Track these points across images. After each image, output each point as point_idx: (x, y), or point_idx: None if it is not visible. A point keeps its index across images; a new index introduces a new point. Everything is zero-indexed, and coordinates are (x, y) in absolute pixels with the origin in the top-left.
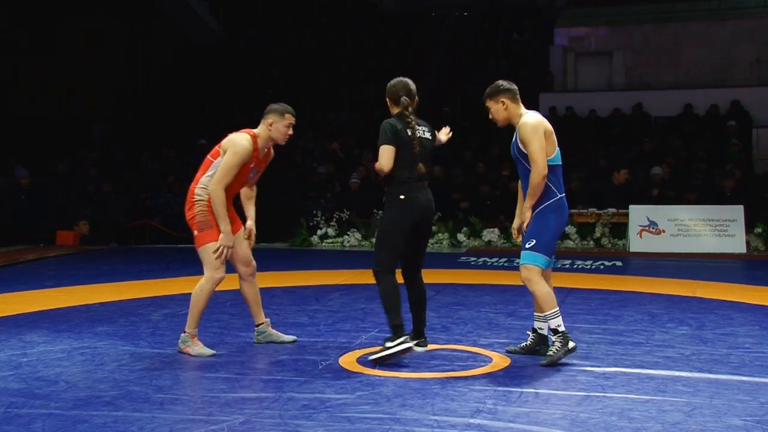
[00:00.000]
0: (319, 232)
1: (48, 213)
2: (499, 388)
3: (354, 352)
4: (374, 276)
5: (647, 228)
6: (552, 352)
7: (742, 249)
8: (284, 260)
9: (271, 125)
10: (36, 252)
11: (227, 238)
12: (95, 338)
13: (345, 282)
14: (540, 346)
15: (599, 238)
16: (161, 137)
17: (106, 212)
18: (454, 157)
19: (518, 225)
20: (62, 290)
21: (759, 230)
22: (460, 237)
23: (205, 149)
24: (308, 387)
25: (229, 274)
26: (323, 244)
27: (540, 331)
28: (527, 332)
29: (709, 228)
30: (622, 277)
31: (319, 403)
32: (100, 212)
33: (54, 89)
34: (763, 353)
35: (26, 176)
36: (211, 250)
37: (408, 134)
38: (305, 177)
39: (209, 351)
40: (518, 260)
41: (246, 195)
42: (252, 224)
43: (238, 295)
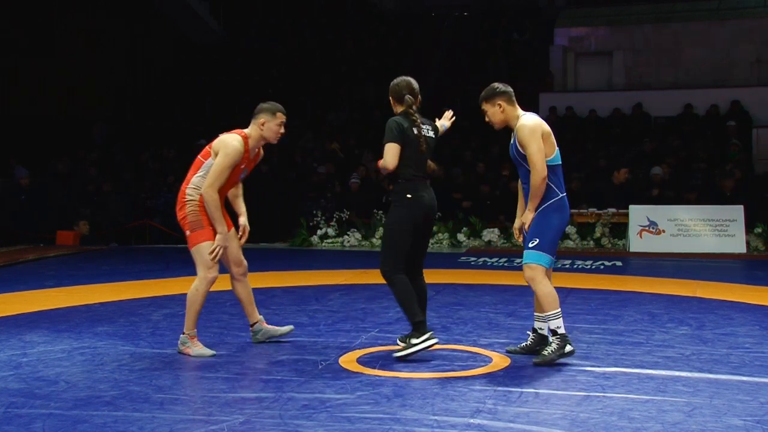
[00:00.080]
0: (319, 232)
1: (48, 213)
2: (499, 388)
3: (354, 352)
4: (384, 277)
5: (647, 228)
6: (546, 352)
7: (742, 249)
8: (284, 260)
9: (263, 125)
10: (36, 252)
11: (224, 239)
12: (95, 338)
13: (345, 282)
14: (540, 347)
15: (599, 238)
16: (161, 137)
17: (106, 212)
18: (454, 157)
19: (519, 225)
20: (62, 290)
21: (759, 230)
22: (460, 237)
23: None
24: (308, 387)
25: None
26: (323, 244)
27: (540, 331)
28: (527, 332)
29: (709, 228)
30: (622, 277)
31: (319, 403)
32: (100, 212)
33: (54, 89)
34: (763, 353)
35: (26, 176)
36: (205, 250)
37: (414, 132)
38: (305, 177)
39: (209, 351)
40: (519, 260)
41: (233, 194)
42: (245, 220)
43: None
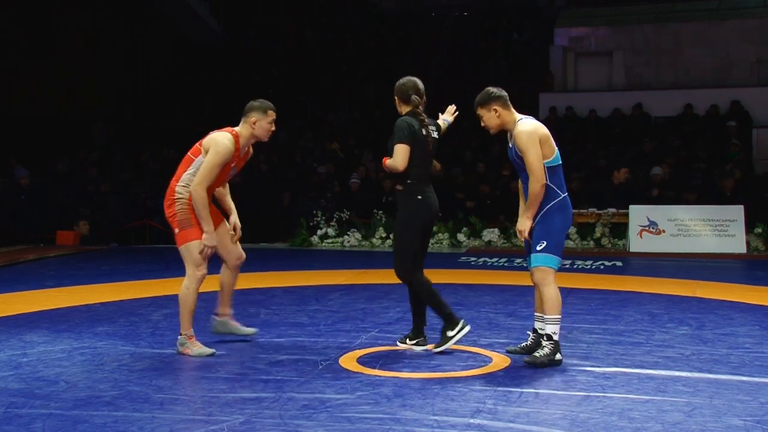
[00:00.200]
0: (319, 232)
1: (48, 213)
2: (499, 388)
3: (354, 352)
4: (404, 280)
5: (647, 228)
6: (538, 354)
7: (742, 249)
8: (284, 260)
9: (255, 123)
10: (36, 252)
11: (210, 238)
12: (95, 338)
13: (345, 282)
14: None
15: (599, 238)
16: (161, 137)
17: (106, 212)
18: (454, 157)
19: (522, 229)
20: (62, 290)
21: (759, 230)
22: (460, 237)
23: None
24: (308, 387)
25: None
26: (323, 244)
27: (540, 331)
28: (527, 332)
29: (709, 228)
30: (622, 277)
31: (319, 403)
32: (100, 212)
33: (54, 89)
34: (763, 353)
35: (26, 176)
36: (194, 248)
37: (422, 133)
38: (305, 177)
39: (209, 350)
40: (519, 260)
41: (220, 193)
42: (236, 218)
43: (238, 295)
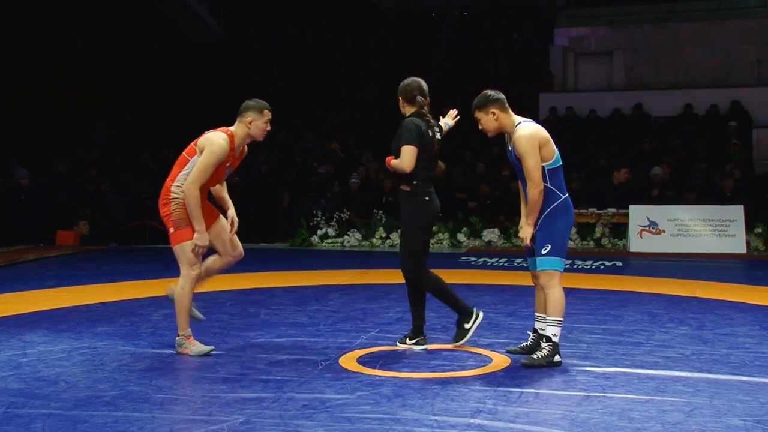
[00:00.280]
0: (319, 232)
1: (48, 213)
2: (499, 388)
3: (354, 352)
4: (414, 279)
5: (647, 228)
6: (536, 356)
7: (742, 249)
8: (284, 260)
9: (251, 123)
10: (36, 252)
11: (202, 238)
12: (95, 338)
13: (345, 282)
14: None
15: (599, 238)
16: (161, 137)
17: (106, 212)
18: (454, 157)
19: (524, 236)
20: (62, 290)
21: (759, 230)
22: (460, 237)
23: None
24: (308, 387)
25: (229, 275)
26: (323, 244)
27: (541, 331)
28: (527, 332)
29: (709, 228)
30: (622, 277)
31: (319, 403)
32: (100, 212)
33: (54, 89)
34: (763, 353)
35: (26, 176)
36: (188, 248)
37: (429, 135)
38: (305, 177)
39: (208, 348)
40: (519, 260)
41: (217, 192)
42: (233, 212)
43: (238, 295)
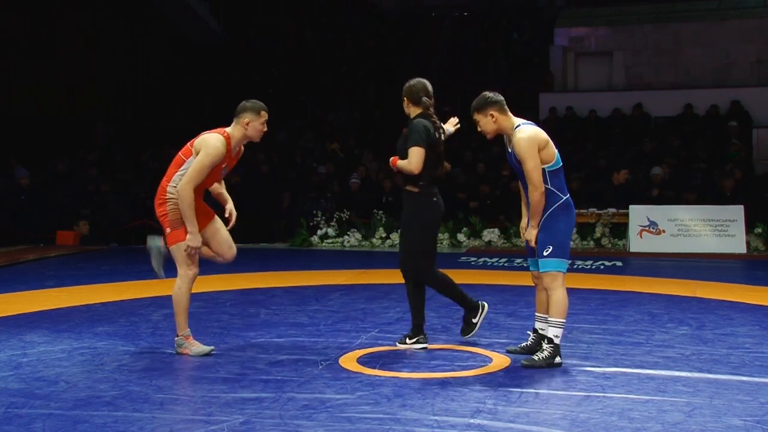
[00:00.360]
0: (319, 232)
1: (48, 213)
2: (499, 388)
3: (354, 352)
4: (422, 279)
5: (647, 228)
6: (537, 358)
7: (742, 249)
8: (284, 260)
9: (248, 124)
10: (36, 252)
11: (195, 239)
12: (95, 338)
13: (345, 282)
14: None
15: (599, 238)
16: (161, 137)
17: (106, 212)
18: (454, 157)
19: (530, 238)
20: (62, 290)
21: (759, 230)
22: (460, 237)
23: None
24: (308, 387)
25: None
26: (323, 244)
27: (541, 331)
28: (527, 332)
29: (709, 228)
30: (622, 277)
31: (319, 403)
32: (100, 212)
33: (54, 89)
34: (763, 353)
35: (26, 176)
36: (183, 249)
37: (436, 136)
38: (305, 177)
39: (207, 348)
40: (519, 260)
41: (215, 188)
42: (231, 206)
43: (238, 295)
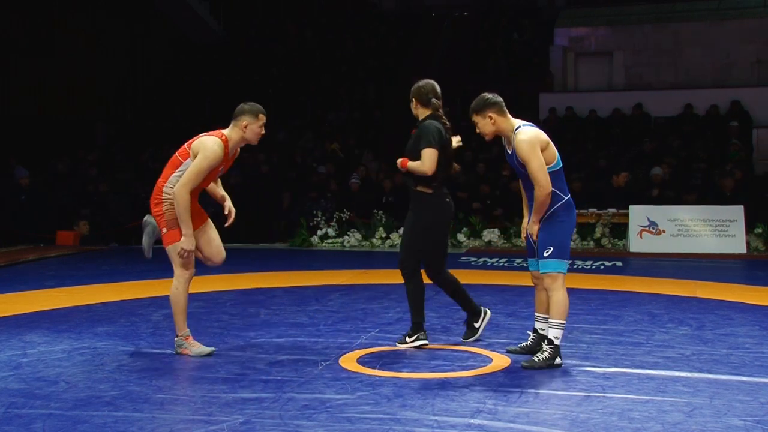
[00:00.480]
0: (319, 233)
1: (48, 213)
2: (499, 389)
3: (354, 352)
4: (432, 279)
5: (647, 228)
6: (537, 359)
7: (742, 249)
8: (284, 260)
9: (246, 127)
10: (36, 252)
11: (188, 242)
12: (95, 338)
13: (345, 282)
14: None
15: (599, 239)
16: (161, 137)
17: (106, 212)
18: (454, 158)
19: (532, 232)
20: (62, 290)
21: (759, 230)
22: (460, 237)
23: None
24: (308, 387)
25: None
26: (323, 245)
27: (541, 331)
28: (527, 332)
29: (710, 228)
30: (622, 277)
31: (319, 403)
32: (100, 212)
33: (54, 89)
34: (763, 353)
35: (26, 176)
36: (177, 251)
37: (446, 137)
38: (305, 177)
39: (208, 349)
40: (519, 260)
41: (212, 188)
42: (230, 203)
43: (238, 295)
